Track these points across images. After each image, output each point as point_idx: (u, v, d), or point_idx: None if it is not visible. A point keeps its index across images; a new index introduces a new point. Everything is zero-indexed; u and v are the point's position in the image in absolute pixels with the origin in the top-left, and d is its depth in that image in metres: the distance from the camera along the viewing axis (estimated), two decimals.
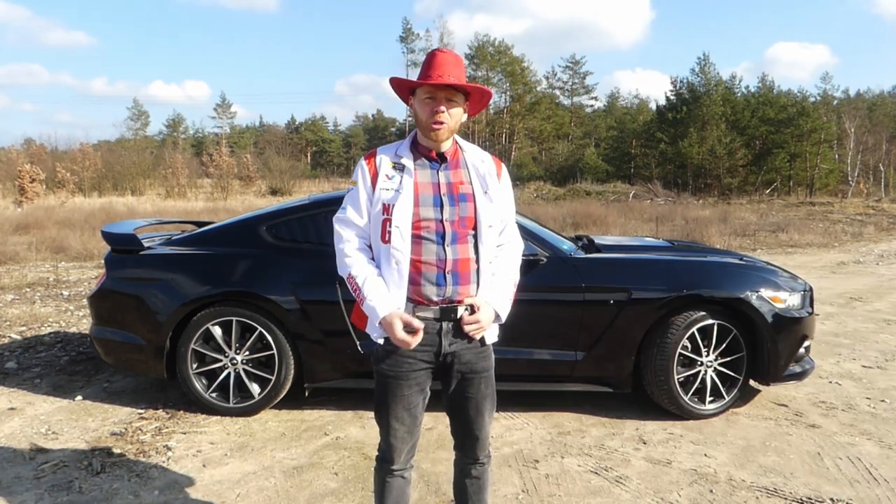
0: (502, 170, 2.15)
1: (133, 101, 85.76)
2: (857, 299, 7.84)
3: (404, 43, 60.35)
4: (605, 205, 23.37)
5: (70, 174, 31.89)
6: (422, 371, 2.05)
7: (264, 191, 36.21)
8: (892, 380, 4.72)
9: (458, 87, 1.97)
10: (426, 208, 1.98)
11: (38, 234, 13.35)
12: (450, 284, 1.98)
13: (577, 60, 62.10)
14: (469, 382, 2.08)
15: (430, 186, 2.01)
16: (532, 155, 51.38)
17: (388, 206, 1.96)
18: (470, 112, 2.10)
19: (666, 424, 3.82)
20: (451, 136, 2.03)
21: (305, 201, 4.35)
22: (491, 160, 2.14)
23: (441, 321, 2.00)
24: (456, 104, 1.99)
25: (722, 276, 3.94)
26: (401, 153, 2.05)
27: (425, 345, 2.00)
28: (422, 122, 1.99)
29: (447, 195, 2.00)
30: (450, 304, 2.00)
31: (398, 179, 1.99)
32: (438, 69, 1.94)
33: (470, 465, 2.23)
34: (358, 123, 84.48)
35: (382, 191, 1.99)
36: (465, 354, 2.05)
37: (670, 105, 42.34)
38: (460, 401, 2.11)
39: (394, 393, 2.05)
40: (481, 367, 2.09)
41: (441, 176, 2.02)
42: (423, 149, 2.04)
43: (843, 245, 14.20)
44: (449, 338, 2.02)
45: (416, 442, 2.18)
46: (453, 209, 1.99)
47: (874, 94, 59.45)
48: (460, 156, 2.08)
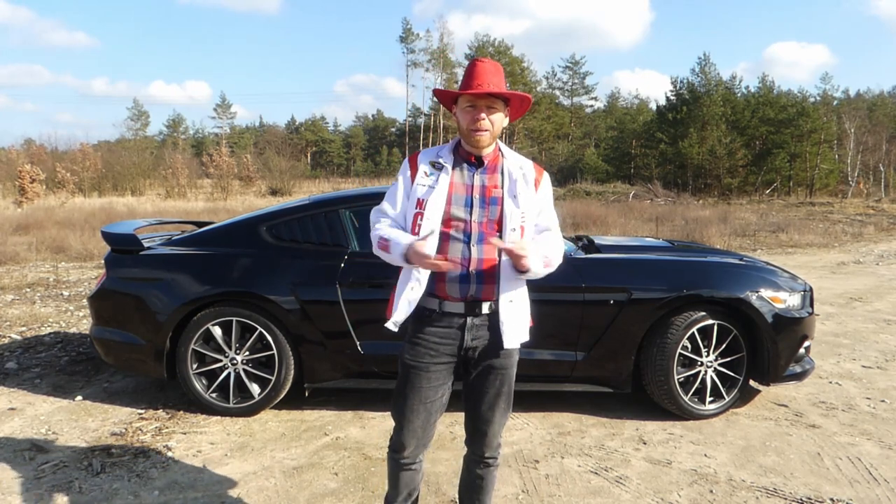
0: (542, 177, 2.20)
1: (133, 102, 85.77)
2: (857, 299, 7.84)
3: (404, 43, 60.53)
4: (605, 205, 23.37)
5: (70, 174, 31.88)
6: (443, 365, 2.13)
7: (264, 191, 36.21)
8: (892, 380, 4.72)
9: (499, 95, 2.03)
10: (457, 207, 2.07)
11: (38, 234, 13.34)
12: (473, 283, 2.06)
13: (577, 61, 62.23)
14: (485, 377, 2.15)
15: (464, 188, 2.09)
16: (532, 155, 51.40)
17: (422, 200, 2.06)
18: (511, 117, 2.17)
19: (666, 424, 3.82)
20: (492, 141, 2.11)
21: (305, 201, 4.35)
22: (532, 167, 2.19)
23: (466, 316, 2.08)
24: (497, 111, 2.06)
25: (722, 277, 3.94)
26: (441, 154, 2.15)
27: (448, 339, 2.10)
28: (463, 130, 2.08)
29: (479, 197, 2.08)
30: (474, 300, 2.07)
31: (435, 177, 2.09)
32: (479, 78, 2.02)
33: (475, 463, 2.28)
34: (358, 123, 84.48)
35: (419, 186, 2.09)
36: (487, 350, 2.12)
37: (670, 105, 42.34)
38: (475, 393, 2.18)
39: (413, 384, 2.12)
40: (500, 364, 2.15)
41: (477, 179, 2.10)
42: (464, 152, 2.13)
43: (843, 245, 14.20)
44: (473, 332, 2.10)
45: (430, 439, 2.23)
46: (482, 211, 2.08)
47: (874, 94, 59.52)
48: (500, 161, 2.15)
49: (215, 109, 76.73)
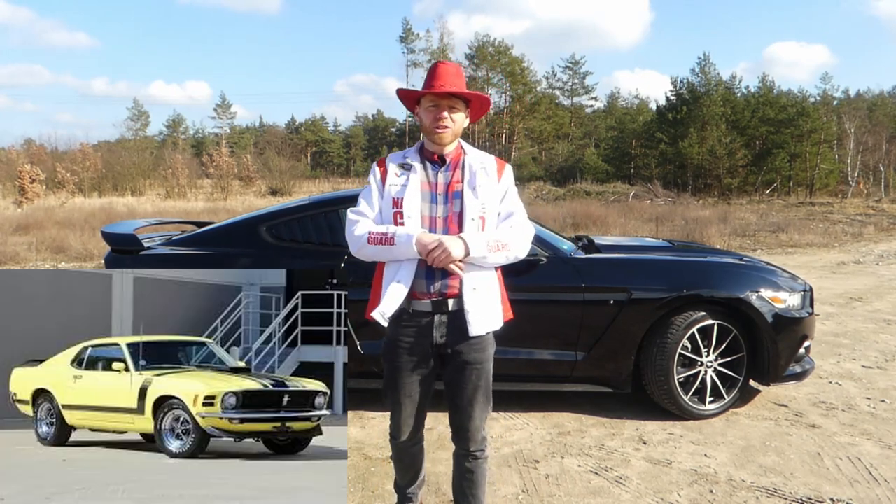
0: (504, 170, 2.29)
1: (133, 102, 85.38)
2: (857, 299, 7.84)
3: (404, 43, 60.39)
4: (605, 205, 23.37)
5: (70, 174, 31.89)
6: (418, 362, 2.20)
7: (264, 191, 36.22)
8: (892, 380, 4.72)
9: (460, 95, 2.15)
10: (424, 205, 2.18)
11: (38, 234, 13.35)
12: (438, 279, 2.14)
13: (577, 61, 62.07)
14: (461, 373, 2.21)
15: (429, 185, 2.20)
16: (532, 155, 51.33)
17: (398, 199, 2.16)
18: (471, 118, 2.29)
19: (666, 424, 3.82)
20: (454, 139, 2.22)
21: (305, 201, 4.35)
22: (493, 161, 2.28)
23: (433, 314, 2.16)
24: (458, 110, 2.17)
25: (722, 276, 3.94)
26: (408, 156, 2.25)
27: (419, 337, 2.18)
28: (427, 128, 2.18)
29: (442, 194, 2.19)
30: (441, 298, 2.15)
31: (406, 177, 2.19)
32: (441, 79, 2.14)
33: (463, 458, 2.32)
34: (358, 123, 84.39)
35: (392, 186, 2.19)
36: (459, 346, 2.18)
37: (670, 105, 42.29)
38: (453, 389, 2.24)
39: (395, 381, 2.24)
40: (474, 358, 2.20)
41: (441, 177, 2.21)
42: (428, 153, 2.23)
43: (843, 245, 14.19)
44: (441, 329, 2.18)
45: (423, 420, 2.35)
46: (446, 207, 2.18)
47: (874, 94, 59.39)
48: (461, 158, 2.24)
49: (215, 109, 76.71)
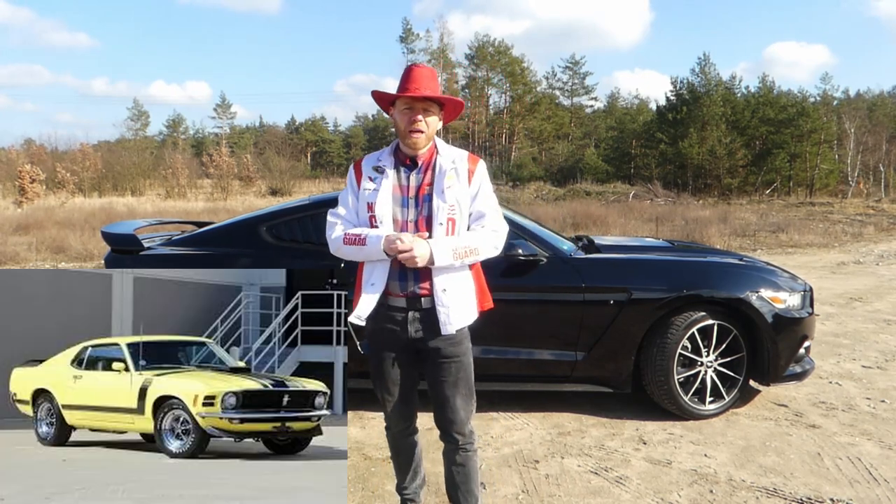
0: (476, 167, 2.28)
1: (133, 102, 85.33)
2: (857, 299, 7.84)
3: (404, 43, 60.33)
4: (605, 205, 23.37)
5: (70, 174, 31.90)
6: (399, 351, 2.28)
7: (264, 191, 36.21)
8: (892, 380, 4.72)
9: (434, 99, 2.17)
10: (396, 208, 2.22)
11: (38, 234, 13.35)
12: (410, 280, 2.20)
13: (577, 61, 61.98)
14: (439, 367, 2.26)
15: (401, 189, 2.23)
16: (532, 155, 51.31)
17: (371, 203, 2.21)
18: (445, 120, 2.30)
19: (666, 424, 3.82)
20: (428, 142, 2.23)
21: (305, 201, 4.35)
22: (465, 159, 2.27)
23: (407, 311, 2.22)
24: (432, 113, 2.19)
25: (722, 277, 3.94)
26: (381, 158, 2.27)
27: (395, 331, 2.24)
28: (401, 131, 2.20)
29: (413, 198, 2.22)
30: (414, 296, 2.21)
31: (378, 181, 2.22)
32: (415, 82, 2.15)
33: (453, 452, 2.34)
34: (358, 123, 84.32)
35: (365, 191, 2.23)
36: (434, 342, 2.23)
37: (670, 105, 42.28)
38: (434, 383, 2.29)
39: (379, 371, 2.33)
40: (450, 352, 2.25)
41: (412, 180, 2.23)
42: (402, 155, 2.26)
43: (843, 245, 14.20)
44: (415, 325, 2.23)
45: (413, 411, 2.42)
46: (417, 210, 2.21)
47: (874, 94, 59.31)
48: (434, 159, 2.24)
49: (215, 109, 76.64)
